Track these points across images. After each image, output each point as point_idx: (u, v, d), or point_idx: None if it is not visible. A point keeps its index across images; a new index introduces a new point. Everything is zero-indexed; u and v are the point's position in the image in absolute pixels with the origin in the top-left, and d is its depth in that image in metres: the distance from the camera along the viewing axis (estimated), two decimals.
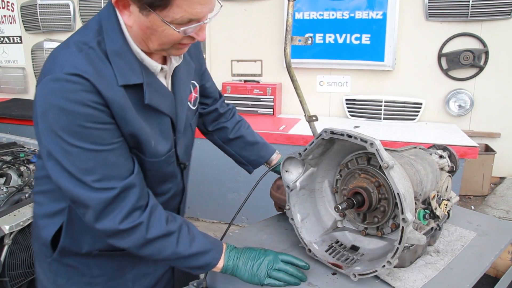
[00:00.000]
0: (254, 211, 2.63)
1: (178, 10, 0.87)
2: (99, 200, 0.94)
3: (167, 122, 1.10)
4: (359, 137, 1.00)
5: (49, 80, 0.88)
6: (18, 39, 5.11)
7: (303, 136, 3.11)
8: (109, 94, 0.92)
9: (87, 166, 0.92)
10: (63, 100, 0.87)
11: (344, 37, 3.79)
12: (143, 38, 0.95)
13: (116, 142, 0.96)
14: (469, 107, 3.71)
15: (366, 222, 1.17)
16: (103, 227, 0.96)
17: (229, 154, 1.53)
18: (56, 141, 0.90)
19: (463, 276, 1.12)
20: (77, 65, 0.89)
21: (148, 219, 0.99)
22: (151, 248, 1.01)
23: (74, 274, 1.16)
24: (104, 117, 0.92)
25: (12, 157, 2.31)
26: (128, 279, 1.21)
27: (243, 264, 1.11)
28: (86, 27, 0.98)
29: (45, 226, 1.12)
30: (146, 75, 1.00)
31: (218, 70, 4.27)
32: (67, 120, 0.88)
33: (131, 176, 0.98)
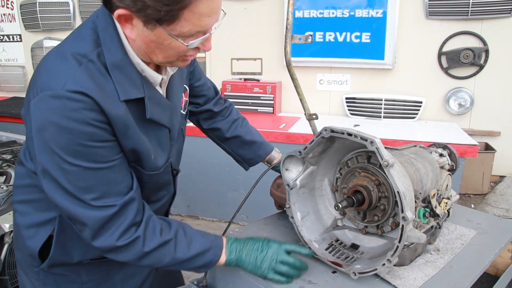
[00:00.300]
0: (254, 209, 2.64)
1: (186, 24, 0.84)
2: (97, 218, 0.92)
3: (165, 133, 1.10)
4: (359, 135, 1.00)
5: (48, 96, 0.83)
6: (18, 38, 5.11)
7: (303, 135, 3.11)
8: (112, 111, 0.89)
9: (86, 185, 0.90)
10: (64, 119, 0.83)
11: (344, 35, 3.78)
12: (147, 51, 0.93)
13: (116, 159, 0.94)
14: (469, 105, 3.71)
15: (366, 221, 1.17)
16: (100, 245, 0.95)
17: (226, 151, 1.52)
18: (53, 158, 0.87)
19: (463, 274, 1.12)
20: (79, 81, 0.85)
21: (144, 233, 0.97)
22: (150, 259, 1.00)
23: (63, 281, 1.14)
24: (106, 135, 0.90)
25: (12, 156, 2.31)
26: (116, 282, 1.21)
27: (247, 256, 1.09)
28: (82, 37, 0.93)
29: (31, 236, 1.09)
30: (146, 88, 0.98)
31: (218, 68, 4.27)
32: (68, 139, 0.85)
33: (131, 192, 0.97)
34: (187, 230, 1.07)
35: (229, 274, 1.19)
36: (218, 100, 1.47)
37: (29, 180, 1.08)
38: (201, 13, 0.83)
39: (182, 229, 1.06)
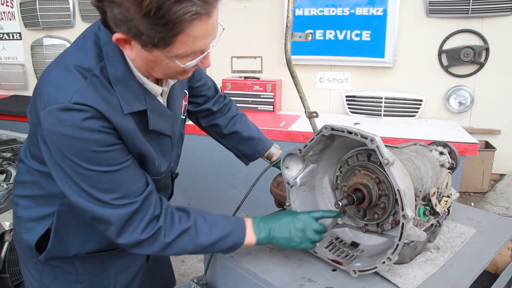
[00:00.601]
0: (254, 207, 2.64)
1: (181, 46, 0.85)
2: (121, 215, 0.96)
3: (167, 141, 1.15)
4: (360, 133, 1.00)
5: (56, 109, 0.87)
6: (18, 36, 5.10)
7: (303, 133, 3.11)
8: (117, 121, 0.93)
9: (106, 186, 0.94)
10: (74, 130, 0.88)
11: (345, 33, 3.78)
12: (147, 69, 0.96)
13: (128, 159, 0.98)
14: (469, 103, 3.70)
15: (366, 219, 1.17)
16: (126, 241, 0.99)
17: (226, 147, 1.54)
18: (70, 166, 0.92)
19: (463, 272, 1.12)
20: (84, 95, 0.89)
21: (164, 223, 1.01)
22: (174, 248, 1.04)
23: (60, 273, 1.18)
24: (114, 139, 0.94)
25: (12, 154, 2.31)
26: (111, 274, 1.24)
27: (278, 232, 1.12)
28: (85, 50, 0.95)
29: (30, 229, 1.13)
30: (149, 100, 1.01)
31: (218, 66, 4.26)
32: (80, 147, 0.89)
33: (148, 187, 1.01)
34: (207, 216, 1.10)
35: (229, 272, 1.19)
36: (217, 99, 1.48)
37: (29, 177, 1.11)
38: (195, 36, 0.84)
39: (202, 215, 1.09)
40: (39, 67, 4.98)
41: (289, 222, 1.13)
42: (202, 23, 0.82)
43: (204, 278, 1.25)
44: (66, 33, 4.89)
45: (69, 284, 1.19)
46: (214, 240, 1.06)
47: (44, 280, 1.18)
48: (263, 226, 1.13)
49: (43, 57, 4.89)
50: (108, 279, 1.24)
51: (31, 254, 1.16)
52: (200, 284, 1.24)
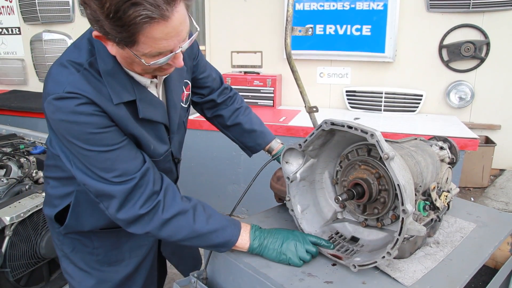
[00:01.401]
0: (254, 202, 2.64)
1: (145, 46, 0.90)
2: (122, 190, 1.04)
3: (161, 128, 1.20)
4: (360, 128, 1.00)
5: (53, 99, 0.97)
6: (17, 30, 5.09)
7: (303, 128, 3.11)
8: (108, 108, 1.01)
9: (105, 166, 1.03)
10: (70, 114, 0.97)
11: (345, 28, 3.77)
12: (127, 64, 1.04)
13: (123, 139, 1.05)
14: (470, 99, 3.70)
15: (366, 213, 1.17)
16: (125, 216, 1.06)
17: (230, 138, 1.58)
18: (73, 148, 1.02)
19: (462, 267, 1.13)
20: (76, 85, 0.98)
21: (164, 199, 1.08)
22: (170, 228, 1.08)
23: (78, 244, 1.31)
24: (108, 122, 1.02)
25: (12, 149, 2.31)
26: (125, 250, 1.35)
27: (271, 243, 1.15)
28: (79, 48, 1.05)
29: (57, 205, 1.26)
30: (138, 91, 1.08)
31: (218, 61, 4.25)
32: (78, 130, 0.98)
33: (145, 165, 1.08)
34: (206, 207, 1.16)
35: (229, 267, 1.19)
36: (223, 90, 1.51)
37: (53, 161, 1.25)
38: (155, 38, 0.88)
39: (202, 205, 1.15)
40: (38, 62, 4.97)
41: (284, 236, 1.17)
42: (159, 26, 0.86)
43: (204, 273, 1.25)
44: (66, 28, 4.87)
45: (85, 255, 1.32)
46: (209, 230, 1.11)
47: (65, 249, 1.33)
48: (259, 234, 1.17)
49: (42, 52, 4.88)
50: (122, 254, 1.35)
51: (54, 226, 1.30)
52: (200, 279, 1.24)
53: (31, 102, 4.19)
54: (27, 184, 1.98)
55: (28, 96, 4.57)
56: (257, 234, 1.16)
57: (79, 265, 1.32)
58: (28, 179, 2.08)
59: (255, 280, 1.11)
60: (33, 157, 2.23)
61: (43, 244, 1.84)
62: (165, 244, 1.48)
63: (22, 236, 1.77)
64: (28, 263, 1.80)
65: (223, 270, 1.22)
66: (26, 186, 1.96)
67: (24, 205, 1.77)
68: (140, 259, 1.39)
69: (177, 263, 1.55)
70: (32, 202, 1.80)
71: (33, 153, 2.30)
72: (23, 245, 1.77)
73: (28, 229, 1.80)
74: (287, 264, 1.13)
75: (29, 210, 1.76)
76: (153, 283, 1.48)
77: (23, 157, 2.19)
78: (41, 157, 2.25)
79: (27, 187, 1.96)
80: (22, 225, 1.77)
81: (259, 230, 1.18)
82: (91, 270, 1.32)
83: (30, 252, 1.80)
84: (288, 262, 1.12)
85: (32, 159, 2.20)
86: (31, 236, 1.81)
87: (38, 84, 5.13)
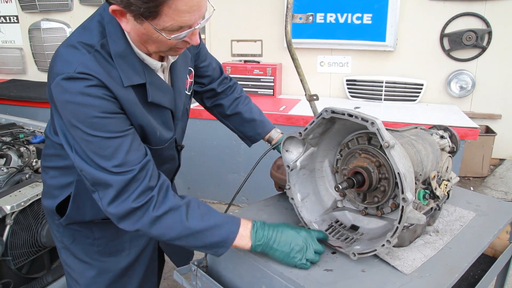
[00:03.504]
0: (254, 191, 2.65)
1: (167, 19, 0.90)
2: (120, 181, 1.00)
3: (168, 114, 1.20)
4: (360, 116, 1.00)
5: (62, 79, 0.95)
6: (15, 19, 5.04)
7: (303, 117, 3.10)
8: (118, 92, 1.00)
9: (106, 153, 1.00)
10: (78, 95, 0.95)
11: (346, 16, 3.74)
12: (141, 42, 1.02)
13: (128, 129, 1.03)
14: (471, 88, 3.69)
15: (366, 202, 1.17)
16: (117, 210, 1.02)
17: (229, 128, 1.57)
18: (76, 132, 0.99)
19: (461, 255, 1.13)
20: (87, 65, 0.96)
21: (157, 195, 1.03)
22: (161, 226, 1.03)
23: (78, 236, 1.30)
24: (115, 108, 1.00)
25: (11, 138, 2.30)
26: (125, 240, 1.35)
27: (278, 245, 1.07)
28: (90, 29, 1.03)
29: (57, 195, 1.25)
30: (148, 74, 1.07)
31: (218, 50, 4.22)
32: (84, 113, 0.96)
33: (145, 158, 1.05)
34: (201, 205, 1.10)
35: (230, 255, 1.20)
36: (222, 80, 1.51)
37: (53, 150, 1.23)
38: (179, 10, 0.88)
39: (196, 202, 1.09)
40: (37, 51, 4.93)
41: (291, 237, 1.08)
42: None
43: (204, 261, 1.26)
44: (64, 16, 4.83)
45: (86, 246, 1.31)
46: (204, 227, 1.04)
47: (65, 241, 1.32)
48: (261, 232, 1.08)
49: (41, 40, 4.84)
50: (123, 245, 1.35)
51: (54, 217, 1.29)
52: (200, 267, 1.25)
53: (30, 91, 4.17)
54: (27, 173, 1.98)
55: (28, 85, 4.55)
56: (260, 233, 1.08)
57: (80, 257, 1.32)
58: (28, 168, 2.08)
59: (255, 268, 1.12)
60: (32, 146, 2.23)
61: (44, 233, 1.84)
62: None
63: (23, 224, 1.77)
64: (29, 251, 1.81)
65: (223, 258, 1.23)
66: (26, 175, 1.96)
67: (24, 194, 1.77)
68: (140, 249, 1.39)
69: (171, 253, 1.53)
70: (32, 191, 1.80)
71: (32, 142, 2.29)
72: (24, 234, 1.78)
73: (28, 218, 1.80)
74: (294, 266, 1.07)
75: (29, 199, 1.76)
76: (153, 273, 1.49)
77: (23, 146, 2.18)
78: (41, 146, 2.25)
79: (27, 176, 1.96)
80: (23, 214, 1.77)
81: (262, 228, 1.09)
82: (92, 261, 1.32)
83: (31, 240, 1.81)
84: (294, 264, 1.06)
85: (32, 148, 2.20)
86: (32, 225, 1.81)
87: (37, 73, 5.11)
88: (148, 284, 1.46)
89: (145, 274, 1.43)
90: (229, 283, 1.21)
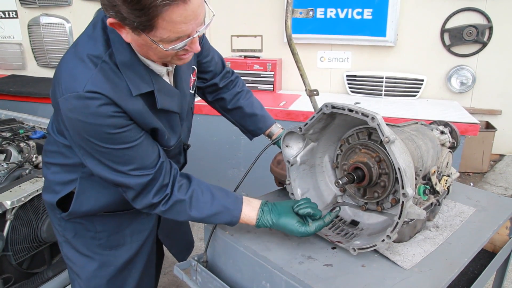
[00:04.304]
0: (254, 186, 2.65)
1: (163, 31, 0.89)
2: (138, 183, 1.07)
3: (176, 118, 1.21)
4: (361, 111, 0.99)
5: (72, 98, 0.96)
6: (14, 14, 5.02)
7: (303, 112, 3.10)
8: (127, 105, 1.00)
9: (123, 160, 1.04)
10: (89, 116, 0.96)
11: (346, 11, 3.72)
12: (143, 52, 1.02)
13: (141, 136, 1.06)
14: (471, 83, 3.68)
15: (366, 197, 1.17)
16: (141, 205, 1.12)
17: (231, 122, 1.58)
18: (89, 145, 1.02)
19: (461, 250, 1.13)
20: (96, 83, 0.96)
21: (170, 193, 1.12)
22: (172, 213, 1.13)
23: (80, 229, 1.32)
24: (126, 121, 1.02)
25: (11, 134, 2.30)
26: (126, 234, 1.37)
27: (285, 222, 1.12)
28: (95, 39, 1.02)
29: (58, 191, 1.26)
30: (155, 81, 1.08)
31: (217, 45, 4.18)
32: (95, 131, 0.99)
33: (160, 160, 1.10)
34: (205, 191, 1.16)
35: (229, 250, 1.20)
36: (225, 74, 1.51)
37: (55, 147, 1.24)
38: (174, 21, 0.87)
39: (200, 189, 1.15)
40: (37, 46, 4.92)
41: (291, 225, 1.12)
42: (178, 9, 0.85)
43: (204, 256, 1.26)
44: (64, 11, 4.81)
45: (87, 240, 1.33)
46: (206, 215, 1.13)
47: (66, 235, 1.33)
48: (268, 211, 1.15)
49: (40, 36, 4.83)
50: (124, 238, 1.37)
51: (55, 211, 1.30)
52: (200, 262, 1.25)
53: (30, 87, 4.16)
54: (27, 168, 1.98)
55: (27, 80, 4.54)
56: (266, 210, 1.15)
57: (81, 250, 1.33)
58: (28, 163, 2.08)
59: (255, 263, 1.12)
60: (32, 141, 2.23)
61: (44, 228, 1.84)
62: (161, 227, 1.50)
63: (23, 220, 1.78)
64: (29, 246, 1.81)
65: (223, 253, 1.23)
66: (26, 170, 1.96)
67: (24, 190, 1.77)
68: (141, 243, 1.41)
69: (170, 245, 1.58)
70: (32, 187, 1.80)
71: (32, 138, 2.29)
72: (24, 229, 1.78)
73: (29, 213, 1.80)
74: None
75: (29, 194, 1.76)
76: (152, 266, 1.50)
77: (22, 141, 2.18)
78: (41, 142, 2.25)
79: (27, 171, 1.95)
80: (23, 209, 1.77)
81: (269, 211, 1.15)
82: (93, 254, 1.34)
83: (31, 236, 1.81)
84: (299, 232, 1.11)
85: (32, 144, 2.19)
86: (32, 220, 1.82)
87: (37, 69, 5.10)
88: (148, 278, 1.48)
89: (145, 268, 1.44)
90: (229, 278, 1.22)
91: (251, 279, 1.15)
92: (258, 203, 1.17)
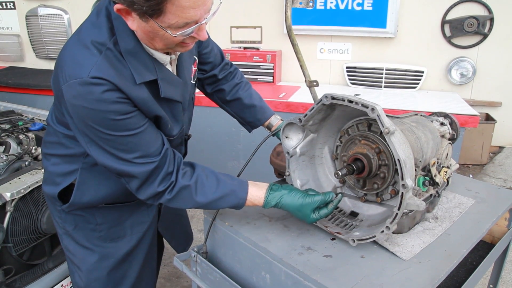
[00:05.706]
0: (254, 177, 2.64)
1: (172, 16, 0.89)
2: (143, 171, 1.07)
3: (178, 107, 1.21)
4: (360, 102, 0.99)
5: (76, 84, 0.95)
6: (11, 5, 4.98)
7: (303, 104, 3.09)
8: (131, 92, 1.00)
9: (127, 148, 1.04)
10: (94, 102, 0.96)
11: (346, 2, 3.70)
12: (148, 40, 1.01)
13: (145, 123, 1.06)
14: (471, 75, 3.67)
15: (365, 188, 1.18)
16: (146, 195, 1.11)
17: (229, 114, 1.57)
18: (93, 132, 1.01)
19: (460, 241, 1.14)
20: (100, 69, 0.96)
21: (175, 180, 1.11)
22: (177, 200, 1.13)
23: (81, 221, 1.32)
24: (130, 108, 1.02)
25: (10, 126, 2.30)
26: (127, 226, 1.37)
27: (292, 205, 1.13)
28: (99, 25, 1.02)
29: (59, 183, 1.26)
30: (158, 70, 1.08)
31: (217, 37, 4.18)
32: (100, 117, 0.98)
33: (164, 148, 1.10)
34: (210, 176, 1.16)
35: (229, 241, 1.20)
36: (224, 66, 1.51)
37: (56, 138, 1.24)
38: (183, 6, 0.87)
39: (205, 174, 1.15)
40: (35, 37, 4.88)
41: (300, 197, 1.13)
42: None
43: (204, 247, 1.26)
44: (62, 3, 4.77)
45: (88, 232, 1.33)
46: (212, 199, 1.13)
47: (67, 227, 1.33)
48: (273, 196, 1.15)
49: (38, 27, 4.79)
50: (124, 230, 1.37)
51: (56, 203, 1.30)
52: (200, 253, 1.26)
53: (28, 78, 4.14)
54: (26, 160, 1.97)
55: (26, 72, 4.52)
56: (275, 187, 1.15)
57: (81, 243, 1.34)
58: (28, 155, 2.08)
59: (254, 254, 1.12)
60: (32, 133, 2.22)
61: (44, 220, 1.85)
62: (161, 220, 1.51)
63: (23, 211, 1.78)
64: (30, 238, 1.82)
65: (223, 244, 1.24)
66: (26, 162, 1.96)
67: (24, 181, 1.77)
68: (141, 235, 1.41)
69: (170, 238, 1.58)
70: (32, 178, 1.80)
71: (31, 130, 2.28)
72: (24, 221, 1.78)
73: (29, 205, 1.80)
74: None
75: (29, 186, 1.76)
76: (153, 258, 1.51)
77: (22, 133, 2.18)
78: (40, 134, 2.24)
79: (27, 163, 1.95)
80: (23, 201, 1.77)
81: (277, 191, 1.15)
82: (94, 246, 1.34)
83: (31, 227, 1.82)
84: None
85: (31, 136, 2.19)
86: (32, 212, 1.82)
87: (35, 60, 5.07)
88: (148, 269, 1.48)
89: (145, 260, 1.45)
90: (229, 269, 1.22)
91: (250, 270, 1.15)
92: (265, 184, 1.18)
